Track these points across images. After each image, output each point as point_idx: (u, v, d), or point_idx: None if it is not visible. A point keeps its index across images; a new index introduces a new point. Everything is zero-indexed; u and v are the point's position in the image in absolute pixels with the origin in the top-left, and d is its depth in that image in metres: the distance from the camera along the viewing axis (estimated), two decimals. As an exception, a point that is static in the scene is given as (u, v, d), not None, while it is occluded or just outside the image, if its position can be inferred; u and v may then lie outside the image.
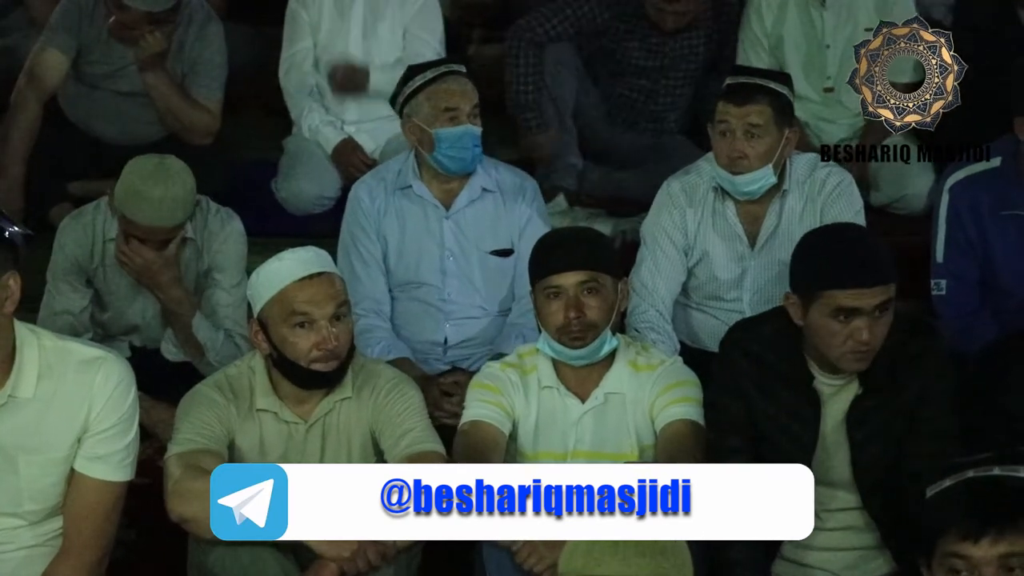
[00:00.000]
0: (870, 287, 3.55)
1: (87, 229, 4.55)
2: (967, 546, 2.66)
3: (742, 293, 4.57)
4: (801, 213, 4.51)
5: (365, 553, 3.51)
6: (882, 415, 3.71)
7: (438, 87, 4.59)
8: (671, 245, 4.55)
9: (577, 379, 3.93)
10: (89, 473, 3.42)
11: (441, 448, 3.80)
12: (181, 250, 4.49)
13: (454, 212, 4.64)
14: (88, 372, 3.37)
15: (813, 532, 3.73)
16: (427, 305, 4.63)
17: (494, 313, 4.65)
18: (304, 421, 3.81)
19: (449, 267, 4.63)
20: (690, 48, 5.56)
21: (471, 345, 4.62)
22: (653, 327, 4.48)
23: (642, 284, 4.53)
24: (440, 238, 4.63)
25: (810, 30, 5.50)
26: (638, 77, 5.59)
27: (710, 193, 4.54)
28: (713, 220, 4.54)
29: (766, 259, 4.53)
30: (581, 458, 3.89)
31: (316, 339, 3.70)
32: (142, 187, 4.32)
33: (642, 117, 5.66)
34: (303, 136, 5.62)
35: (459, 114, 4.56)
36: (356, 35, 5.62)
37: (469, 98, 4.59)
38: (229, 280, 4.54)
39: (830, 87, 5.52)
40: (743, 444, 3.75)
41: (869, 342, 3.59)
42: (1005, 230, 4.54)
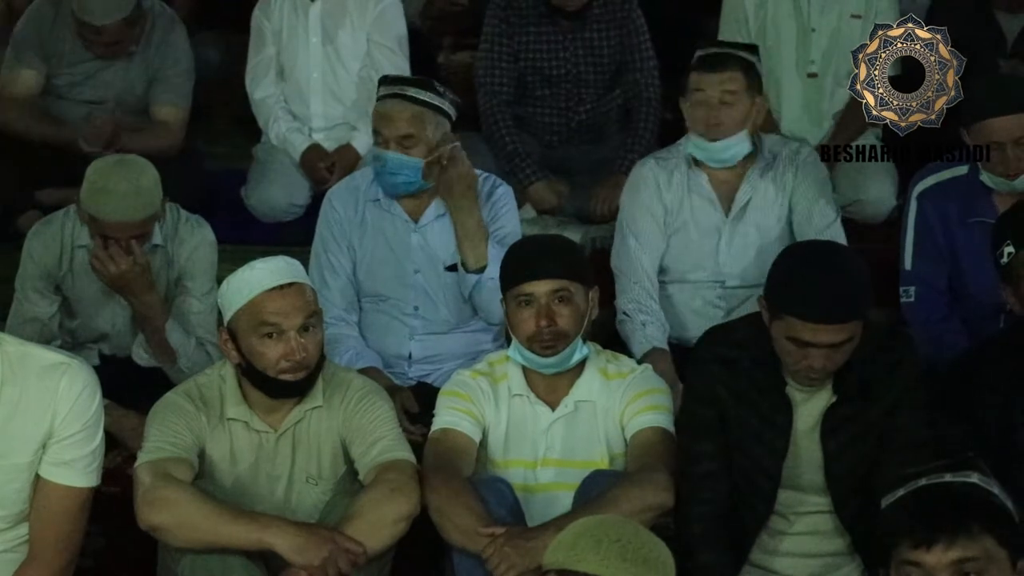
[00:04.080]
0: (829, 324, 3.53)
1: (56, 236, 4.54)
2: (920, 554, 2.67)
3: (718, 261, 4.64)
4: (773, 181, 4.63)
5: (335, 561, 3.50)
6: (856, 424, 3.71)
7: (378, 108, 4.54)
8: (651, 219, 4.65)
9: (547, 387, 3.93)
10: (54, 479, 3.40)
11: (411, 456, 3.80)
12: (151, 257, 4.47)
13: (421, 225, 4.61)
14: (51, 378, 3.36)
15: (780, 537, 3.80)
16: (393, 318, 4.60)
17: (460, 329, 4.62)
18: (274, 430, 3.80)
19: (416, 281, 4.60)
20: (587, 49, 5.54)
21: (436, 360, 4.58)
22: (641, 307, 4.56)
23: (628, 262, 4.63)
24: (408, 251, 4.60)
25: (796, 13, 5.52)
26: (555, 89, 5.58)
27: (682, 164, 4.66)
28: (688, 190, 4.65)
29: (741, 227, 4.63)
30: (551, 466, 3.89)
31: (284, 350, 3.69)
32: (106, 183, 4.31)
33: (582, 131, 5.65)
34: (272, 144, 5.62)
35: (385, 140, 4.46)
36: (315, 42, 5.62)
37: (398, 126, 4.44)
38: (199, 288, 4.52)
39: (814, 72, 5.53)
40: (715, 449, 3.75)
41: (822, 369, 3.60)
42: (973, 237, 4.54)
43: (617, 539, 2.85)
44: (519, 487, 3.84)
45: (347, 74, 5.63)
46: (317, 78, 5.65)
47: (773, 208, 4.64)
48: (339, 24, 5.63)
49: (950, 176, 4.61)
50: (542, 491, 3.87)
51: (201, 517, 3.54)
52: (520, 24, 5.51)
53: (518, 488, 3.83)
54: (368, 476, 3.73)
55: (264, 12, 5.66)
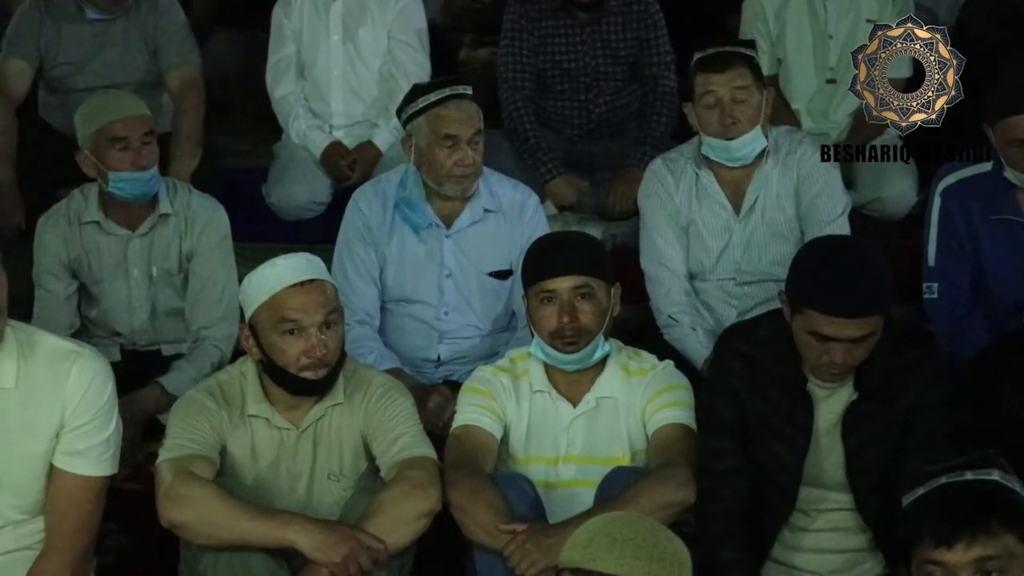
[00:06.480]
0: (851, 319, 3.52)
1: (63, 217, 4.61)
2: (942, 552, 2.66)
3: (731, 259, 4.64)
4: (781, 176, 4.63)
5: (356, 558, 3.50)
6: (878, 421, 3.70)
7: (439, 111, 4.52)
8: (669, 218, 4.66)
9: (569, 383, 3.92)
10: (69, 468, 3.41)
11: (433, 453, 3.79)
12: (162, 226, 4.56)
13: (455, 231, 4.61)
14: (63, 366, 3.37)
15: (802, 533, 3.79)
16: (421, 323, 4.61)
17: (488, 332, 4.63)
18: (296, 427, 3.80)
19: (447, 286, 4.60)
20: (604, 43, 5.53)
21: (464, 361, 4.58)
22: (684, 308, 4.58)
23: (659, 263, 4.64)
24: (440, 257, 4.60)
25: (813, 20, 5.52)
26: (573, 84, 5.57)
27: (689, 165, 4.67)
28: (697, 191, 4.66)
29: (752, 224, 4.63)
30: (572, 462, 3.89)
31: (305, 346, 3.69)
32: (99, 100, 4.54)
33: (601, 125, 5.64)
34: (292, 142, 5.63)
35: (458, 142, 4.50)
36: (336, 40, 5.62)
37: (470, 125, 4.51)
38: (211, 265, 4.59)
39: (832, 78, 5.53)
40: (735, 447, 3.74)
41: (843, 364, 3.59)
42: (996, 234, 4.54)
43: (632, 537, 2.83)
44: (540, 484, 3.84)
45: (368, 71, 5.64)
46: (338, 76, 5.65)
47: (782, 202, 4.63)
48: (360, 22, 5.63)
49: (974, 173, 4.60)
50: (563, 487, 3.87)
51: (222, 514, 3.54)
52: (538, 18, 5.51)
53: (539, 485, 3.83)
54: (389, 473, 3.72)
55: (284, 10, 5.67)
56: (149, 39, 5.52)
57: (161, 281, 4.63)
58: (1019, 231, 4.51)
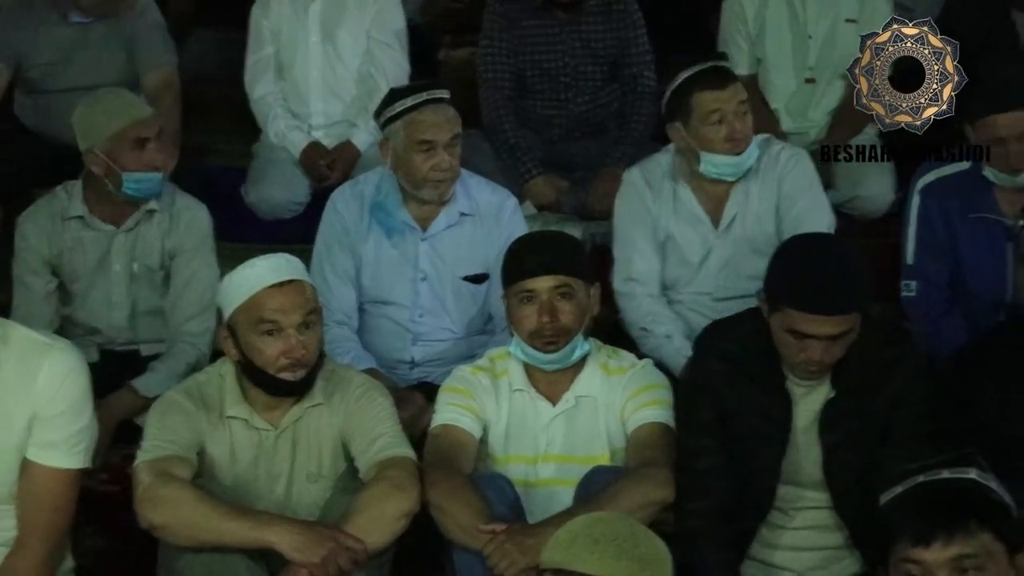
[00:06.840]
0: (828, 316, 3.53)
1: (44, 213, 4.59)
2: (919, 551, 2.67)
3: (708, 274, 4.61)
4: (761, 189, 4.58)
5: (335, 558, 3.49)
6: (855, 419, 3.70)
7: (416, 116, 4.51)
8: (644, 228, 4.62)
9: (548, 383, 3.92)
10: (41, 461, 3.39)
11: (411, 453, 3.79)
12: (147, 223, 4.56)
13: (430, 235, 4.60)
14: (35, 358, 3.35)
15: (780, 531, 3.80)
16: (396, 324, 4.60)
17: (462, 335, 4.62)
18: (274, 428, 3.79)
19: (421, 289, 4.60)
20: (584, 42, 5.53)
21: (438, 364, 4.57)
22: (657, 318, 4.53)
23: (630, 276, 4.60)
24: (415, 260, 4.60)
25: (793, 20, 5.53)
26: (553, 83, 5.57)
27: (666, 180, 4.62)
28: (674, 205, 4.62)
29: (731, 238, 4.59)
30: (552, 462, 3.89)
31: (284, 347, 3.69)
32: (110, 100, 4.51)
33: (581, 125, 5.63)
34: (271, 142, 5.62)
35: (435, 146, 4.48)
36: (315, 41, 5.62)
37: (447, 129, 4.50)
38: (193, 263, 4.57)
39: (811, 78, 5.54)
40: (714, 445, 3.74)
41: (821, 361, 3.60)
42: (974, 232, 4.55)
43: (613, 538, 2.84)
44: (520, 483, 3.83)
45: (347, 71, 5.63)
46: (317, 76, 5.64)
47: (762, 218, 4.58)
48: (339, 22, 5.62)
49: (952, 171, 4.62)
50: (543, 487, 3.86)
51: (201, 515, 3.54)
52: (518, 18, 5.51)
53: (519, 484, 3.82)
54: (368, 473, 3.72)
55: (263, 10, 5.66)
56: (126, 40, 5.50)
57: (142, 278, 4.62)
58: (997, 229, 4.52)
